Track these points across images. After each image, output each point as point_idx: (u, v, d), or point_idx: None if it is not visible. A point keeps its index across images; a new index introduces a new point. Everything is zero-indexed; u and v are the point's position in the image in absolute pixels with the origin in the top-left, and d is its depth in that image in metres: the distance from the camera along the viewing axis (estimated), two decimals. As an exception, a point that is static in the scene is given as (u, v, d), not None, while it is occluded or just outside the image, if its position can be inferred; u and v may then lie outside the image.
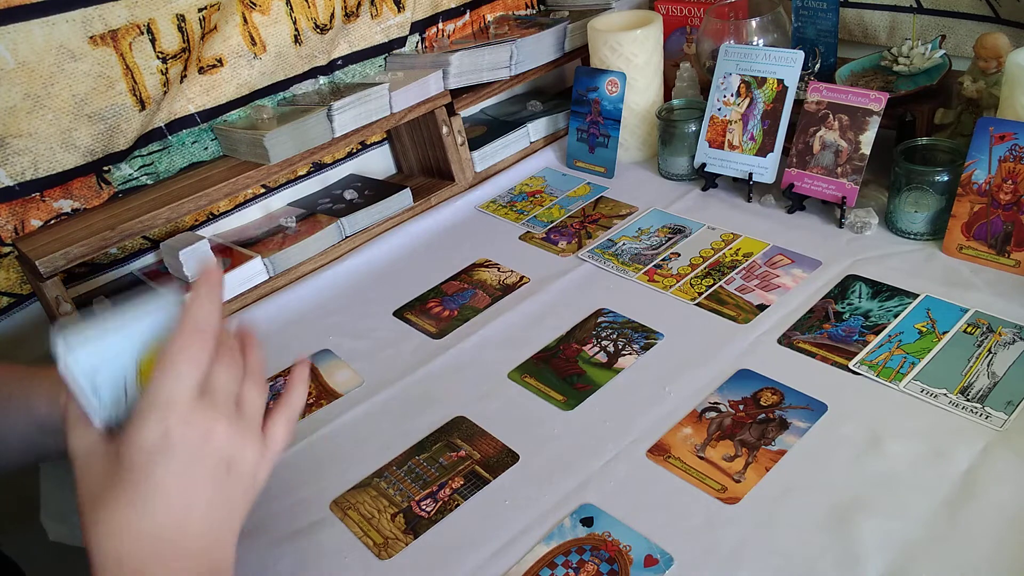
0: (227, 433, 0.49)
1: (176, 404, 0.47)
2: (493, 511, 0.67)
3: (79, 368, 0.49)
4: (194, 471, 0.48)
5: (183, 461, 0.47)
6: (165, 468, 0.47)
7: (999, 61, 0.88)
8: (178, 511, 0.47)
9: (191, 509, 0.48)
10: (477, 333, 0.88)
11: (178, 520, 0.47)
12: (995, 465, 0.62)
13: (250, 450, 0.51)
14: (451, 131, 1.13)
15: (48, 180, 0.91)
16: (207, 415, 0.48)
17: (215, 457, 0.48)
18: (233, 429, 0.50)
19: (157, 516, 0.47)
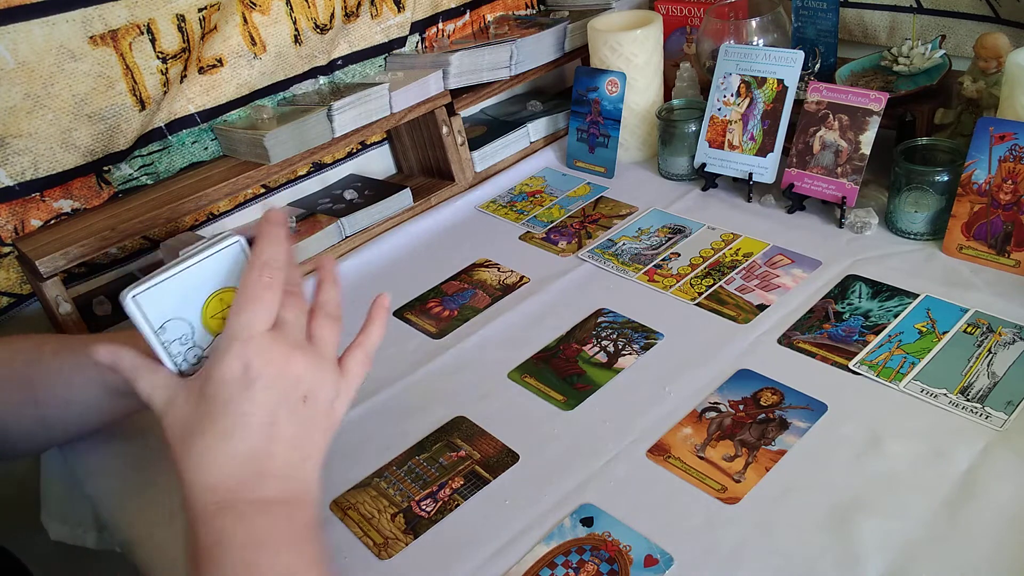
0: (304, 364, 0.52)
1: (253, 339, 0.50)
2: (493, 511, 0.67)
3: (146, 311, 0.52)
4: (274, 401, 0.51)
5: (263, 391, 0.50)
6: (248, 399, 0.50)
7: (999, 61, 0.88)
8: (260, 438, 0.50)
9: (272, 437, 0.51)
10: (477, 333, 0.88)
11: (261, 447, 0.50)
12: (995, 465, 0.62)
13: (327, 382, 0.53)
14: (451, 131, 1.13)
15: (48, 180, 0.91)
16: (283, 348, 0.51)
17: (293, 388, 0.51)
18: (309, 360, 0.52)
19: (242, 444, 0.50)
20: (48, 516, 0.89)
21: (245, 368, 0.50)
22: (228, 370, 0.50)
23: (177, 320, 0.53)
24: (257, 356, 0.50)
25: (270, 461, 0.51)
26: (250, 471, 0.50)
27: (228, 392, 0.50)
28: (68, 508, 0.88)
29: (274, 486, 0.51)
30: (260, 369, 0.50)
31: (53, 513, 0.89)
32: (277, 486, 0.51)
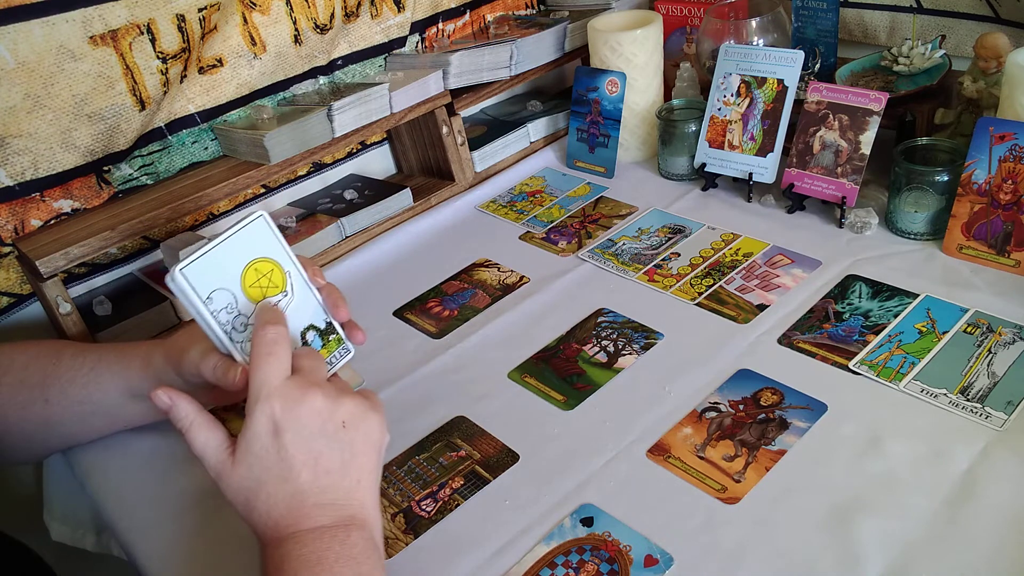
0: (324, 398, 0.56)
1: (273, 391, 0.55)
2: (493, 511, 0.67)
3: (194, 283, 0.56)
4: (309, 440, 0.55)
5: (296, 434, 0.54)
6: (284, 445, 0.54)
7: (999, 61, 0.88)
8: (308, 477, 0.55)
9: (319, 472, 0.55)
10: (477, 333, 0.88)
11: (310, 484, 0.55)
12: (995, 465, 0.62)
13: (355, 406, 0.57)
14: (451, 131, 1.13)
15: (48, 180, 0.91)
16: (301, 390, 0.55)
17: (324, 422, 0.55)
18: (328, 393, 0.56)
19: (293, 486, 0.54)
20: (50, 516, 0.89)
21: (273, 421, 0.54)
22: (259, 427, 0.54)
23: (221, 290, 0.57)
24: (280, 405, 0.54)
25: (320, 496, 0.55)
26: (306, 506, 0.55)
27: (266, 446, 0.54)
28: (69, 509, 0.88)
29: (326, 515, 0.55)
30: (285, 416, 0.54)
31: (55, 514, 0.89)
32: (329, 515, 0.55)
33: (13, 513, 0.94)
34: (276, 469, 0.54)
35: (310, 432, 0.55)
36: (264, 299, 0.60)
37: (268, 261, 0.60)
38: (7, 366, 0.73)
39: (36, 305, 0.94)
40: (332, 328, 0.64)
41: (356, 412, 0.58)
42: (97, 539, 0.87)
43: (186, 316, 0.95)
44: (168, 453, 0.78)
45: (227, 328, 0.58)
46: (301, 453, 0.55)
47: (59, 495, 0.88)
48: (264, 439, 0.54)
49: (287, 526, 0.54)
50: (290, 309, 0.61)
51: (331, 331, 0.64)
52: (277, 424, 0.54)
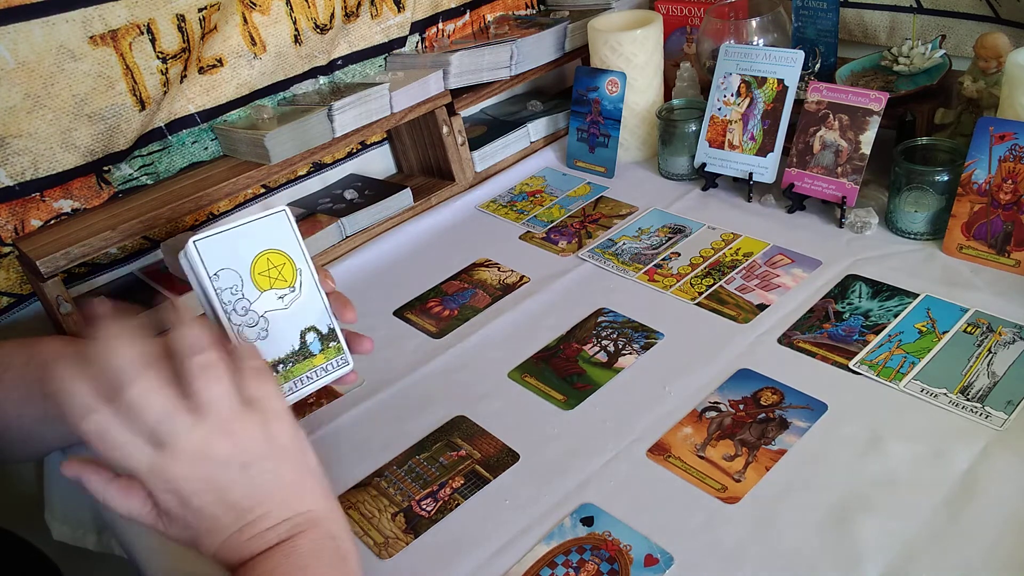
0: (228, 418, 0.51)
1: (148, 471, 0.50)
2: (493, 511, 0.67)
3: (204, 257, 0.57)
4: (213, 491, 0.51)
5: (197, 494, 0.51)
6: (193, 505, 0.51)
7: (999, 61, 0.88)
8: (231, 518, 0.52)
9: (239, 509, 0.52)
10: (477, 333, 0.88)
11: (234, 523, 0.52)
12: (995, 465, 0.62)
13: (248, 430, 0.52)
14: (451, 131, 1.13)
15: (48, 180, 0.91)
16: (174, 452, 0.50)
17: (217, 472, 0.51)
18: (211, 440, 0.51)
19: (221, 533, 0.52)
20: (51, 516, 0.89)
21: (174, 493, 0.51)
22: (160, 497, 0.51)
23: (229, 270, 0.58)
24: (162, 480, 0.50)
25: (250, 529, 0.52)
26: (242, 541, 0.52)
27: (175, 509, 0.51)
28: (70, 509, 0.88)
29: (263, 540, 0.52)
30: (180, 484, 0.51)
31: (55, 513, 0.89)
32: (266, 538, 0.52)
33: (14, 513, 0.94)
34: (197, 525, 0.52)
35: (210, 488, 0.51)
36: (271, 289, 0.60)
37: (282, 254, 0.61)
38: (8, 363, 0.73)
39: (36, 305, 0.94)
40: (334, 335, 0.63)
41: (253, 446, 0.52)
42: (98, 538, 0.88)
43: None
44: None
45: (227, 308, 0.58)
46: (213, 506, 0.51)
47: (60, 495, 0.88)
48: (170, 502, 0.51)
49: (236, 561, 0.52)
50: (295, 306, 0.61)
51: (333, 338, 0.63)
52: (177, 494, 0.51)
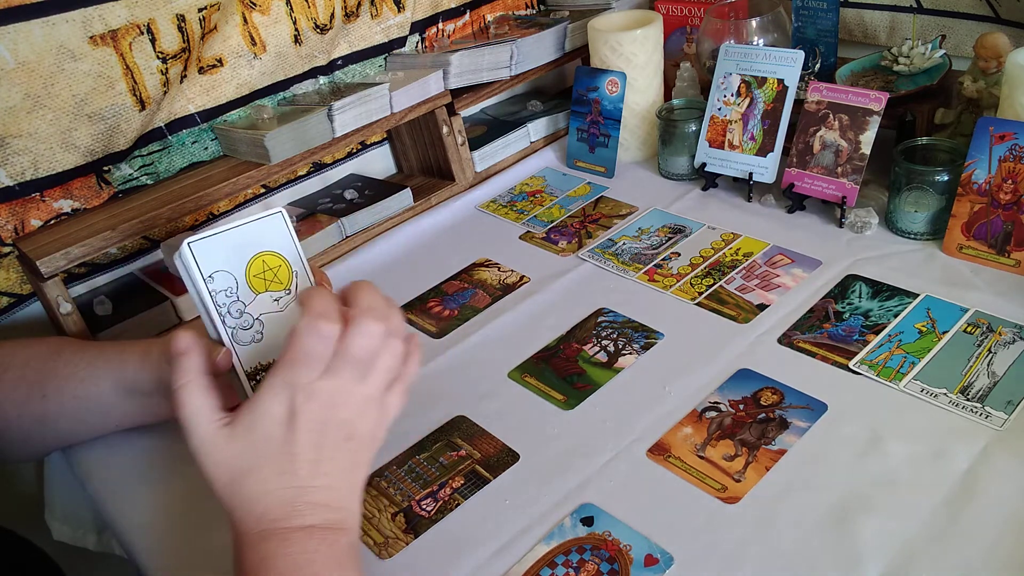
0: (347, 407, 0.54)
1: (300, 385, 0.53)
2: (493, 511, 0.67)
3: (199, 259, 0.56)
4: (319, 441, 0.54)
5: (308, 432, 0.53)
6: (294, 440, 0.53)
7: (999, 61, 0.88)
8: (306, 476, 0.53)
9: (317, 473, 0.54)
10: (477, 333, 0.88)
11: (307, 483, 0.53)
12: (995, 465, 0.62)
13: (369, 418, 0.56)
14: (451, 131, 1.13)
15: (48, 180, 0.91)
16: (330, 393, 0.53)
17: (337, 429, 0.54)
18: (353, 403, 0.55)
19: (290, 480, 0.53)
20: (51, 516, 0.89)
21: (292, 411, 0.53)
22: (277, 411, 0.53)
23: (224, 272, 0.58)
24: (305, 398, 0.53)
25: (315, 494, 0.54)
26: (296, 504, 0.53)
27: (278, 431, 0.53)
28: (70, 509, 0.88)
29: (318, 515, 0.53)
30: (307, 409, 0.53)
31: (56, 513, 0.89)
32: (321, 515, 0.54)
33: (16, 512, 0.94)
34: (276, 458, 0.53)
35: (319, 435, 0.54)
36: (267, 292, 0.60)
37: (278, 256, 0.60)
38: (8, 363, 0.73)
39: (36, 305, 0.94)
40: None
41: (367, 424, 0.56)
42: (98, 538, 0.88)
43: (187, 316, 0.95)
44: (168, 453, 0.78)
45: (222, 311, 0.58)
46: (306, 452, 0.53)
47: (60, 495, 0.88)
48: (273, 425, 0.53)
49: (274, 519, 0.52)
50: (290, 309, 0.61)
51: None
52: (293, 415, 0.53)
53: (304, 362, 0.53)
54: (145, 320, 0.92)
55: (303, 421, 0.53)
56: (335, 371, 0.54)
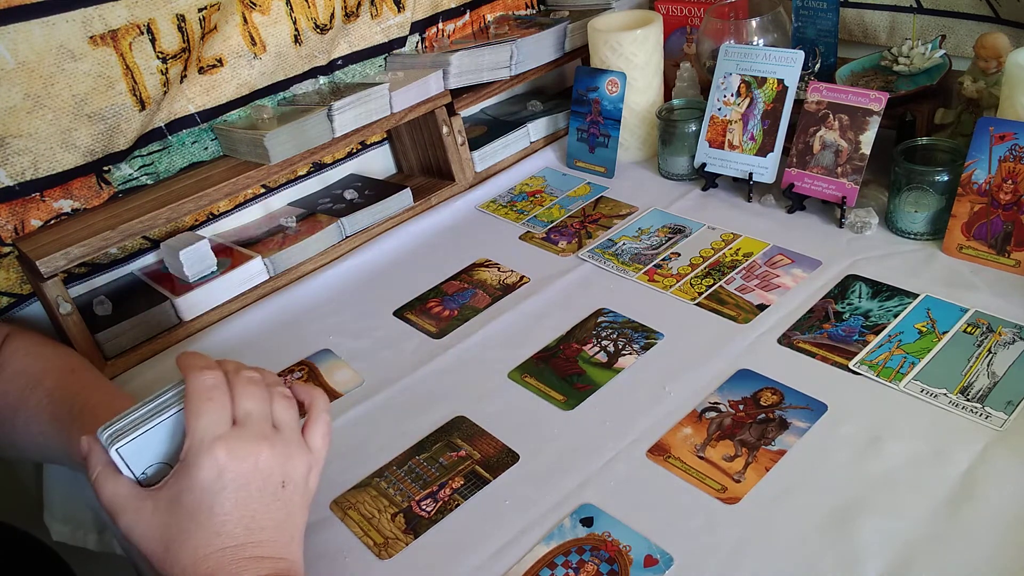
0: (272, 456, 0.54)
1: (220, 440, 0.52)
2: (493, 511, 0.67)
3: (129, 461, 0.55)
4: (252, 495, 0.53)
5: (239, 490, 0.53)
6: (225, 499, 0.52)
7: (999, 61, 0.88)
8: (244, 533, 0.53)
9: (255, 528, 0.53)
10: (477, 333, 0.88)
11: (246, 539, 0.53)
12: (995, 465, 0.62)
13: (298, 462, 0.56)
14: (451, 131, 1.13)
15: (48, 180, 0.91)
16: (251, 444, 0.53)
17: (268, 478, 0.54)
18: (277, 449, 0.55)
19: (229, 540, 0.52)
20: (51, 517, 0.89)
21: (219, 472, 0.52)
22: (203, 476, 0.52)
23: (158, 464, 0.56)
24: (228, 457, 0.52)
25: (255, 549, 0.53)
26: (237, 562, 0.52)
27: (205, 498, 0.52)
28: (70, 509, 0.88)
29: (264, 567, 0.53)
30: (233, 470, 0.53)
31: (55, 514, 0.89)
32: (266, 567, 0.53)
33: (17, 512, 0.94)
34: (208, 524, 0.52)
35: (249, 491, 0.53)
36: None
37: None
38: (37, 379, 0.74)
39: (36, 305, 0.94)
40: None
41: (297, 471, 0.56)
42: (99, 538, 0.88)
43: (187, 316, 0.95)
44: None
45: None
46: (238, 510, 0.53)
47: (59, 496, 0.88)
48: (198, 492, 0.52)
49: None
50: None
51: None
52: (219, 476, 0.52)
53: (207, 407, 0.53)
54: (145, 320, 0.92)
55: (230, 479, 0.52)
56: (244, 424, 0.54)
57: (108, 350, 0.91)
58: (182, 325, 0.95)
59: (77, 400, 0.71)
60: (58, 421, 0.70)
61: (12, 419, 0.72)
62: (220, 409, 0.54)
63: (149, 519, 0.53)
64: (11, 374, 0.75)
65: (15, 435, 0.72)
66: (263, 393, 0.57)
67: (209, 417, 0.53)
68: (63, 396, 0.72)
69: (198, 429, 0.53)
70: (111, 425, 0.55)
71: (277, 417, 0.57)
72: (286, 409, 0.58)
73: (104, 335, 0.90)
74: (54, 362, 0.78)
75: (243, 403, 0.55)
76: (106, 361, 0.91)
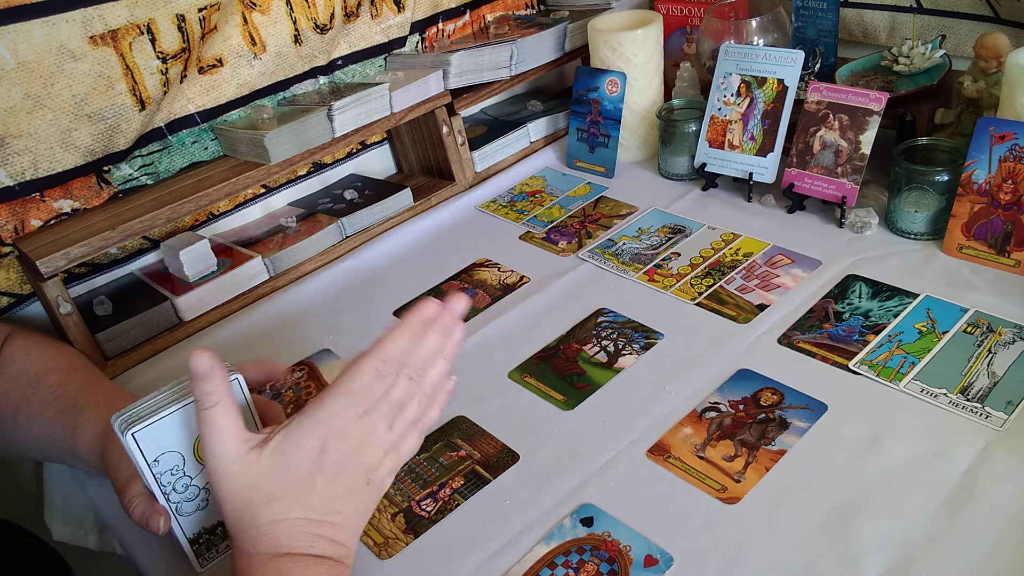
0: (373, 451, 0.55)
1: (336, 424, 0.54)
2: (493, 511, 0.67)
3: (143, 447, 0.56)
4: (341, 479, 0.55)
5: (334, 469, 0.54)
6: (320, 474, 0.54)
7: (999, 61, 0.88)
8: (322, 507, 0.54)
9: (334, 511, 0.55)
10: (477, 333, 0.88)
11: (324, 517, 0.54)
12: (995, 465, 0.62)
13: (388, 462, 0.57)
14: (451, 131, 1.13)
15: (48, 180, 0.91)
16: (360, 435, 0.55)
17: (358, 471, 0.55)
18: (379, 446, 0.56)
19: (309, 512, 0.54)
20: (51, 517, 0.89)
21: (323, 448, 0.54)
22: (306, 444, 0.54)
23: (171, 452, 0.57)
24: (337, 439, 0.54)
25: (327, 529, 0.55)
26: (311, 535, 0.54)
27: (303, 465, 0.53)
28: (70, 509, 0.88)
29: (327, 548, 0.54)
30: (335, 450, 0.54)
31: (56, 514, 0.89)
32: (329, 548, 0.55)
33: (18, 512, 0.94)
34: (297, 489, 0.53)
35: (343, 475, 0.55)
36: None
37: None
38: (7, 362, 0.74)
39: (36, 305, 0.94)
40: None
41: (383, 476, 0.57)
42: (99, 537, 0.88)
43: (187, 316, 0.95)
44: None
45: (166, 489, 0.59)
46: (328, 488, 0.54)
47: (60, 496, 0.88)
48: (301, 457, 0.53)
49: (290, 547, 0.53)
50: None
51: None
52: (324, 451, 0.54)
53: (358, 397, 0.54)
54: (145, 320, 0.92)
55: (331, 459, 0.54)
56: (371, 414, 0.55)
57: (108, 350, 0.91)
58: (182, 325, 0.95)
59: (80, 398, 0.72)
60: (61, 419, 0.70)
61: (14, 418, 0.72)
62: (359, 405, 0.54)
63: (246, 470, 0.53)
64: (12, 373, 0.75)
65: (17, 434, 0.72)
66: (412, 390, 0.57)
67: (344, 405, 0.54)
68: (65, 394, 0.73)
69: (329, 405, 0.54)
70: (125, 412, 0.56)
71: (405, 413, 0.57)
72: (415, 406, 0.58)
73: (104, 335, 0.90)
74: (56, 361, 0.78)
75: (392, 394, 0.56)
76: (106, 361, 0.91)
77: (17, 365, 0.76)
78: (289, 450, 0.54)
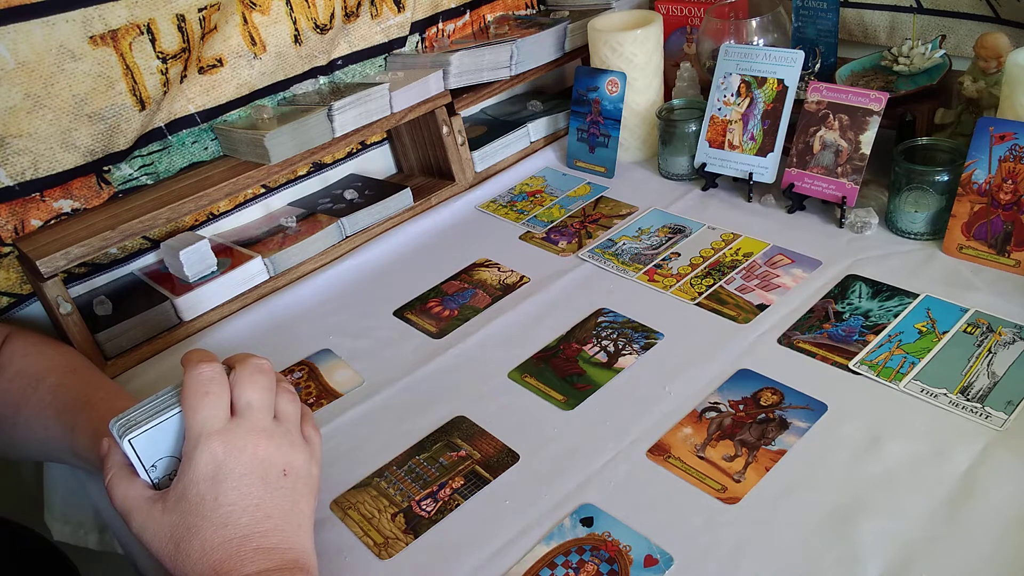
0: (270, 444, 0.55)
1: (215, 435, 0.53)
2: (493, 511, 0.67)
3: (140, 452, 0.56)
4: (254, 483, 0.54)
5: (240, 479, 0.54)
6: (229, 489, 0.53)
7: (999, 61, 0.88)
8: (251, 522, 0.53)
9: (261, 517, 0.54)
10: (477, 333, 0.88)
11: (253, 529, 0.53)
12: (995, 465, 0.62)
13: (298, 452, 0.57)
14: (451, 131, 1.13)
15: (48, 180, 0.91)
16: (247, 435, 0.54)
17: (269, 467, 0.55)
18: (275, 440, 0.56)
19: (235, 531, 0.53)
20: (51, 516, 0.89)
21: (217, 465, 0.53)
22: (199, 472, 0.53)
23: (168, 458, 0.57)
24: (225, 449, 0.54)
25: (265, 538, 0.53)
26: (243, 552, 0.53)
27: (208, 490, 0.53)
28: (70, 509, 0.88)
29: (272, 559, 0.53)
30: (230, 460, 0.54)
31: (56, 514, 0.89)
32: (276, 557, 0.53)
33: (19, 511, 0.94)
34: (214, 516, 0.53)
35: (251, 480, 0.54)
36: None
37: None
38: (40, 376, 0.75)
39: (36, 305, 0.94)
40: None
41: (299, 459, 0.57)
42: (100, 537, 0.88)
43: (187, 316, 0.95)
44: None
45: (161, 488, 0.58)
46: (242, 500, 0.53)
47: (60, 496, 0.88)
48: (201, 485, 0.53)
49: (227, 571, 0.52)
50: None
51: None
52: (219, 469, 0.53)
53: (203, 403, 0.54)
54: (145, 320, 0.92)
55: (231, 469, 0.53)
56: (242, 415, 0.55)
57: (108, 350, 0.91)
58: (182, 325, 0.95)
59: (80, 398, 0.72)
60: (61, 418, 0.70)
61: (14, 418, 0.72)
62: (216, 402, 0.54)
63: (159, 519, 0.53)
64: (12, 373, 0.75)
65: (16, 434, 0.72)
66: (268, 382, 0.58)
67: (205, 412, 0.54)
68: (65, 394, 0.73)
69: (195, 424, 0.54)
70: (123, 417, 0.56)
71: (279, 408, 0.59)
72: (289, 402, 0.60)
73: (104, 335, 0.90)
74: (55, 361, 0.78)
75: (244, 394, 0.56)
76: (106, 361, 0.91)
77: (17, 365, 0.76)
78: (187, 486, 0.53)
